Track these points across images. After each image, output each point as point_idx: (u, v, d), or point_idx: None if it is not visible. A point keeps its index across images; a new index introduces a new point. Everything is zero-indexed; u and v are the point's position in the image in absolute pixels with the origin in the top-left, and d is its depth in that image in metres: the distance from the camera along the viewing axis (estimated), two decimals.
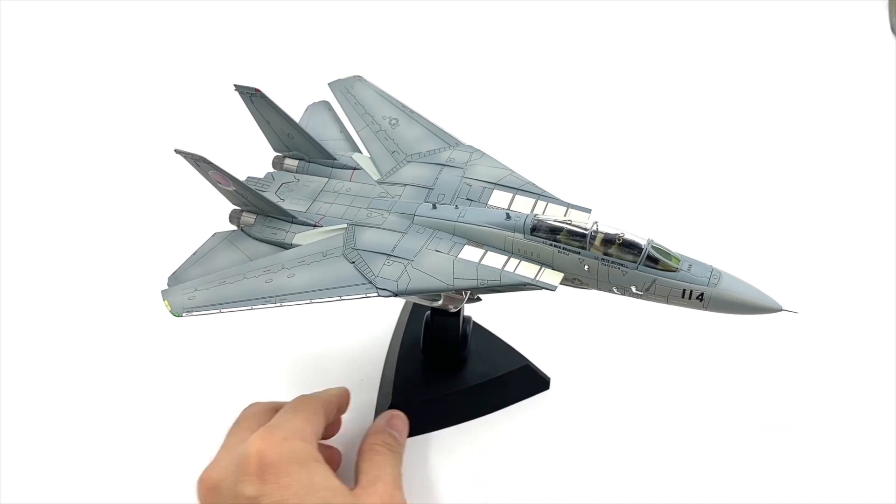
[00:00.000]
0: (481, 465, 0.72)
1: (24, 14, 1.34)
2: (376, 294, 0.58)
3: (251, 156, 0.74)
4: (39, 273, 0.93)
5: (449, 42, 1.31)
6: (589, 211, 0.62)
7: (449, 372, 0.77)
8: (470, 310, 0.77)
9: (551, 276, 0.58)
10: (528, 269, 0.58)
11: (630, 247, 0.55)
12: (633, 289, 0.56)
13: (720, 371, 0.80)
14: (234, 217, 0.68)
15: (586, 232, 0.57)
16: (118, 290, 0.89)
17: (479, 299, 0.71)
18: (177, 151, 0.63)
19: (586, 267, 0.57)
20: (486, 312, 0.81)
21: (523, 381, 0.78)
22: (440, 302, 0.67)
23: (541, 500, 0.69)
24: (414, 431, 0.74)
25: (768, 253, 0.94)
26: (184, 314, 0.58)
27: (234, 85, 0.68)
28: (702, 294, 0.54)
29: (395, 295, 0.58)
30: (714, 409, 0.76)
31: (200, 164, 0.64)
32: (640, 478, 0.71)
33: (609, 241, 0.56)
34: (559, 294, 0.59)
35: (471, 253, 0.60)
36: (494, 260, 0.59)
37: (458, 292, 0.61)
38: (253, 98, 0.68)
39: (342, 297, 0.58)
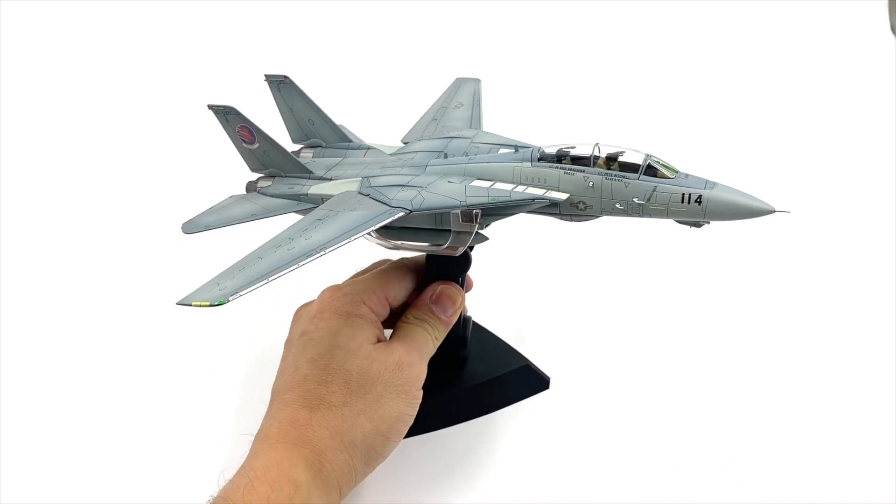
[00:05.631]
0: (481, 465, 0.72)
1: (24, 14, 1.35)
2: (400, 213, 0.60)
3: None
4: (36, 272, 0.93)
5: (450, 42, 1.31)
6: None
7: (449, 372, 0.77)
8: (470, 310, 0.77)
9: (558, 195, 0.62)
10: (535, 191, 0.62)
11: (631, 160, 0.60)
12: (635, 199, 0.59)
13: (720, 370, 0.80)
14: (250, 188, 0.71)
15: (589, 155, 0.61)
16: (117, 286, 0.90)
17: (485, 238, 0.69)
18: (209, 107, 0.66)
19: (591, 184, 0.61)
20: (485, 313, 0.81)
21: (523, 380, 0.78)
22: (445, 245, 0.66)
23: (541, 500, 0.69)
24: (414, 431, 0.75)
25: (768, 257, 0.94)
26: (230, 298, 0.52)
27: (265, 74, 0.71)
28: (700, 196, 0.58)
29: (410, 212, 0.61)
30: (714, 408, 0.76)
31: (229, 116, 0.66)
32: (640, 477, 0.71)
33: (611, 158, 0.60)
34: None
35: (481, 183, 0.64)
36: (503, 186, 0.63)
37: (466, 220, 0.63)
38: (280, 86, 0.71)
39: (370, 230, 0.59)
